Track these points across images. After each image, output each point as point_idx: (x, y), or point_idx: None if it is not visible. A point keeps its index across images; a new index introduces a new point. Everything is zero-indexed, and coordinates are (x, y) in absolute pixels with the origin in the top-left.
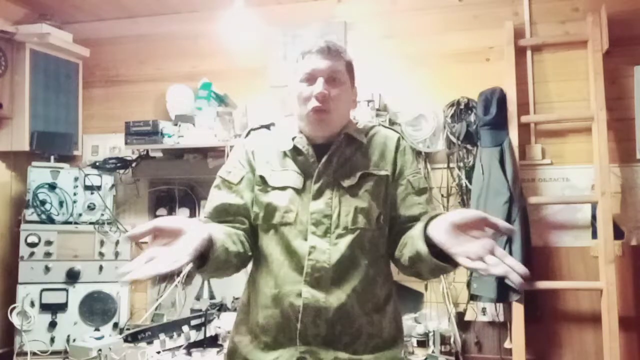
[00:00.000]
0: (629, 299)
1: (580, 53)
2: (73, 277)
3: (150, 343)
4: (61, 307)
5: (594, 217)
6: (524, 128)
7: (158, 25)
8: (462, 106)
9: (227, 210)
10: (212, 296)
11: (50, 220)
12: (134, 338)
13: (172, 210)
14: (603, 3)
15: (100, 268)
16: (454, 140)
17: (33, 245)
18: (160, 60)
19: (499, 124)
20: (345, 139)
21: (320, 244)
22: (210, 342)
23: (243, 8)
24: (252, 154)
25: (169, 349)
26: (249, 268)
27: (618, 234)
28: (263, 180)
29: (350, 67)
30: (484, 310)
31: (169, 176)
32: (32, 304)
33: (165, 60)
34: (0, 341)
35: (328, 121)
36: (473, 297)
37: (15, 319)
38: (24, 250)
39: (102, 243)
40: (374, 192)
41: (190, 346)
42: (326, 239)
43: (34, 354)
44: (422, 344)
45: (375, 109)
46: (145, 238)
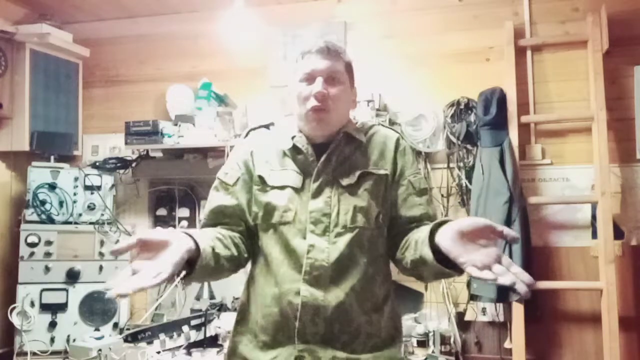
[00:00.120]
0: (629, 299)
1: (580, 53)
2: (73, 277)
3: (150, 343)
4: (61, 307)
5: (594, 217)
6: (524, 128)
7: (158, 25)
8: (462, 106)
9: (224, 212)
10: (212, 296)
11: (50, 220)
12: (134, 338)
13: (172, 210)
14: (603, 3)
15: (100, 268)
16: (454, 140)
17: (33, 245)
18: (160, 60)
19: (499, 124)
20: (345, 138)
21: (319, 243)
22: (210, 342)
23: (243, 8)
24: (251, 155)
25: (169, 349)
26: (248, 268)
27: (618, 234)
28: (262, 180)
29: (349, 68)
30: (484, 310)
31: (169, 176)
32: (32, 304)
33: (165, 60)
34: (0, 341)
35: (327, 120)
36: (473, 297)
37: (15, 319)
38: (24, 250)
39: (102, 243)
40: (373, 191)
41: (190, 346)
42: (325, 237)
43: (34, 354)
44: (422, 344)
45: (375, 109)
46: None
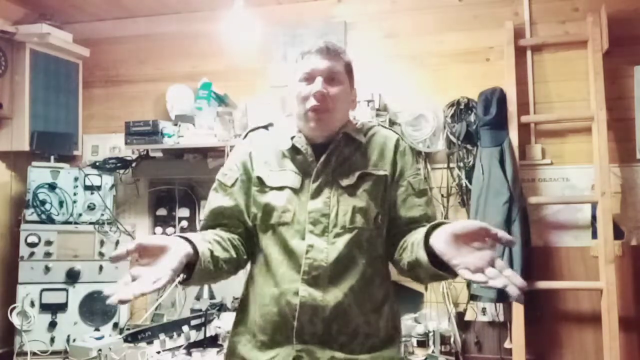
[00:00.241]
0: (629, 299)
1: (580, 53)
2: (73, 277)
3: (150, 343)
4: (61, 307)
5: (594, 217)
6: (524, 128)
7: (158, 25)
8: (462, 106)
9: (223, 213)
10: (212, 296)
11: (50, 220)
12: (134, 338)
13: (172, 210)
14: (603, 3)
15: (100, 268)
16: (454, 140)
17: (33, 245)
18: (160, 60)
19: (499, 124)
20: (344, 139)
21: (318, 243)
22: (210, 342)
23: (243, 8)
24: (250, 156)
25: (169, 349)
26: (247, 268)
27: (618, 234)
28: (261, 181)
29: (349, 68)
30: (484, 310)
31: (169, 176)
32: (32, 304)
33: (165, 60)
34: (0, 341)
35: (326, 120)
36: (473, 297)
37: (15, 319)
38: (24, 250)
39: (102, 243)
40: (373, 192)
41: (190, 346)
42: (324, 237)
43: (34, 354)
44: (422, 344)
45: (375, 109)
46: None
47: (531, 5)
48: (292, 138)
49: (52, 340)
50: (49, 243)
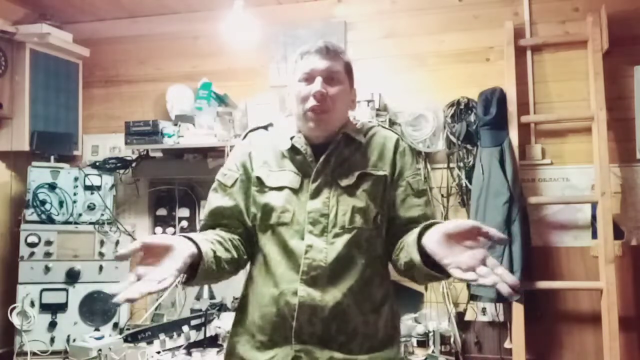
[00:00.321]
0: (629, 299)
1: (580, 53)
2: (73, 277)
3: (150, 343)
4: (61, 307)
5: (594, 217)
6: (524, 128)
7: (158, 25)
8: (462, 106)
9: (222, 213)
10: (212, 296)
11: (50, 220)
12: (134, 338)
13: (172, 210)
14: (603, 3)
15: (100, 268)
16: (454, 140)
17: (33, 245)
18: (160, 60)
19: (499, 124)
20: (344, 139)
21: (317, 243)
22: (210, 342)
23: (243, 8)
24: (249, 156)
25: (169, 349)
26: (246, 268)
27: (618, 234)
28: (260, 181)
29: (348, 68)
30: (484, 310)
31: (169, 176)
32: (32, 304)
33: (165, 60)
34: (0, 341)
35: (326, 120)
36: (473, 297)
37: (15, 319)
38: (24, 250)
39: (102, 243)
40: (372, 192)
41: (190, 346)
42: (323, 238)
43: (34, 354)
44: (422, 344)
45: (375, 109)
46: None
47: (531, 5)
48: (292, 138)
49: (52, 340)
50: (49, 243)
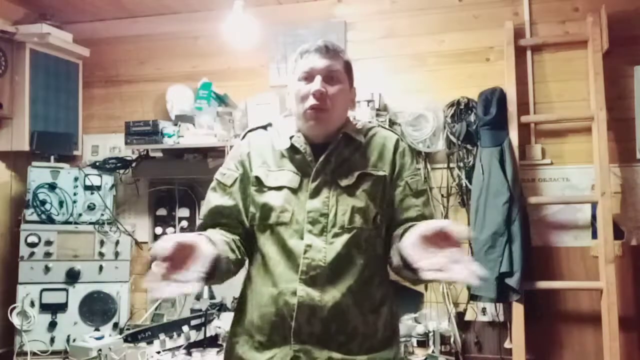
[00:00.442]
0: (629, 299)
1: (580, 53)
2: (73, 277)
3: (150, 343)
4: (61, 307)
5: (594, 217)
6: (524, 128)
7: (158, 25)
8: (462, 106)
9: (222, 212)
10: (212, 296)
11: (50, 220)
12: (134, 338)
13: (172, 210)
14: (603, 3)
15: (100, 268)
16: (454, 140)
17: (33, 245)
18: (160, 60)
19: (499, 124)
20: (344, 139)
21: (316, 243)
22: (210, 342)
23: (243, 8)
24: (248, 156)
25: (169, 349)
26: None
27: (618, 234)
28: (259, 181)
29: (348, 67)
30: (484, 310)
31: (169, 176)
32: (32, 304)
33: (165, 60)
34: (0, 341)
35: (325, 119)
36: (473, 297)
37: (15, 319)
38: (24, 250)
39: (102, 243)
40: (372, 192)
41: (190, 346)
42: (322, 237)
43: (34, 354)
44: (422, 344)
45: (375, 109)
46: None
47: (531, 5)
48: (291, 137)
49: (52, 340)
50: (49, 243)
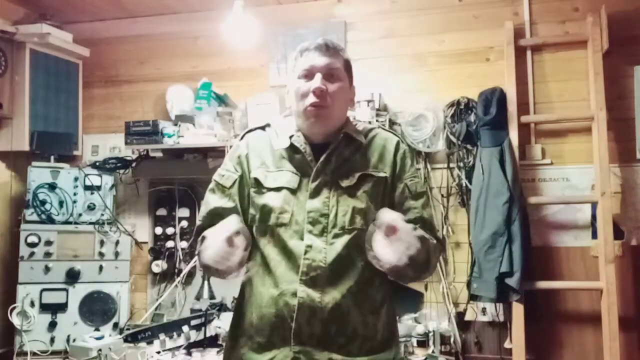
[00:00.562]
0: (629, 299)
1: (580, 53)
2: (73, 277)
3: (150, 343)
4: (61, 307)
5: (594, 217)
6: (524, 128)
7: (158, 25)
8: (462, 106)
9: (221, 214)
10: (212, 296)
11: (50, 220)
12: (134, 338)
13: (172, 210)
14: (603, 3)
15: (100, 268)
16: (454, 140)
17: (33, 245)
18: (160, 60)
19: (499, 124)
20: (345, 139)
21: (317, 243)
22: (210, 342)
23: (243, 8)
24: (247, 157)
25: (169, 349)
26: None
27: (618, 234)
28: (257, 182)
29: (348, 65)
30: (484, 310)
31: (169, 176)
32: (32, 304)
33: (165, 60)
34: (0, 341)
35: (325, 116)
36: (473, 297)
37: (15, 319)
38: (24, 250)
39: (102, 243)
40: (372, 194)
41: (190, 346)
42: (323, 238)
43: (34, 354)
44: (422, 344)
45: (375, 109)
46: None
47: (531, 5)
48: (291, 137)
49: (52, 340)
50: (49, 243)
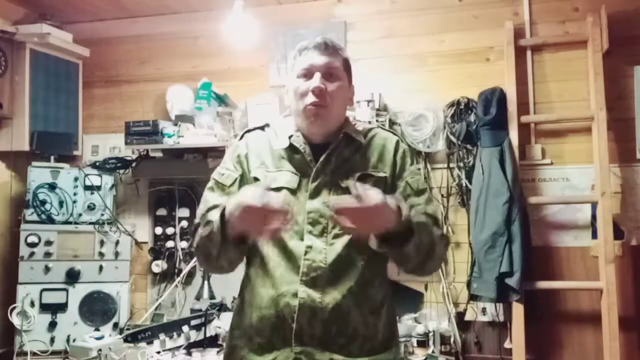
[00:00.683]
0: (629, 299)
1: (580, 53)
2: (73, 277)
3: (150, 343)
4: (61, 307)
5: (594, 217)
6: (524, 128)
7: (158, 25)
8: (462, 106)
9: None
10: (212, 296)
11: (50, 220)
12: (134, 338)
13: (172, 210)
14: (603, 3)
15: (100, 268)
16: (454, 140)
17: (33, 245)
18: (160, 60)
19: (499, 124)
20: (344, 139)
21: (317, 244)
22: (210, 342)
23: (243, 8)
24: (246, 157)
25: (169, 349)
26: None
27: (618, 234)
28: (257, 182)
29: (347, 64)
30: (484, 310)
31: (169, 176)
32: (32, 304)
33: (165, 60)
34: (0, 341)
35: (324, 116)
36: (473, 297)
37: (15, 319)
38: (24, 250)
39: (102, 243)
40: None
41: (190, 346)
42: (323, 238)
43: (34, 354)
44: (422, 344)
45: (375, 109)
46: None
47: (531, 5)
48: (290, 137)
49: (52, 340)
50: (49, 243)
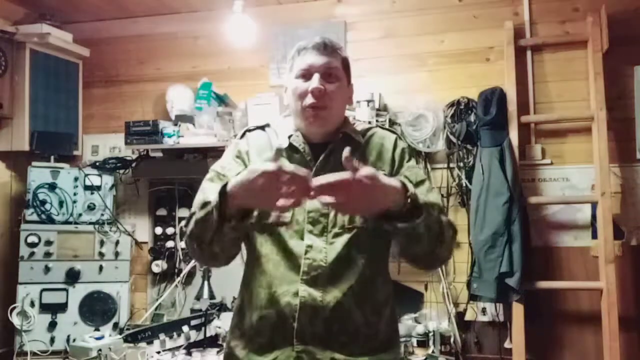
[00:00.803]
0: (629, 299)
1: (580, 53)
2: (73, 277)
3: (150, 343)
4: (61, 307)
5: (594, 217)
6: (524, 128)
7: (158, 25)
8: (462, 106)
9: None
10: (212, 296)
11: (50, 220)
12: (134, 338)
13: (172, 210)
14: (603, 3)
15: (100, 268)
16: (454, 140)
17: (33, 245)
18: (160, 60)
19: (499, 124)
20: (344, 139)
21: (317, 243)
22: (210, 342)
23: (243, 8)
24: (247, 154)
25: (169, 349)
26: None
27: (618, 234)
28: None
29: (346, 64)
30: (484, 310)
31: (169, 176)
32: (32, 304)
33: (165, 60)
34: (0, 341)
35: (324, 117)
36: (473, 297)
37: (15, 319)
38: (24, 250)
39: (102, 243)
40: None
41: (190, 346)
42: (323, 237)
43: (34, 354)
44: (422, 344)
45: (375, 109)
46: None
47: (531, 5)
48: (290, 137)
49: (52, 340)
50: (49, 243)
